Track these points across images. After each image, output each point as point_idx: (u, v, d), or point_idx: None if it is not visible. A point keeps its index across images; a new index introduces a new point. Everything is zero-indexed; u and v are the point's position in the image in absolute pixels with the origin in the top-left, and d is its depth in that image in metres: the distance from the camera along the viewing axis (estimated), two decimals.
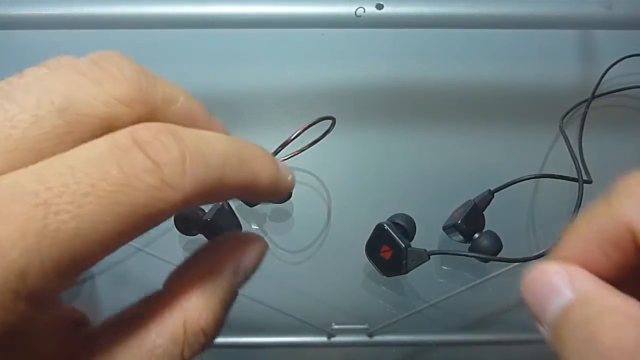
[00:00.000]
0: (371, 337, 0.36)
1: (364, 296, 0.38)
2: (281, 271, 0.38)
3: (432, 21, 0.49)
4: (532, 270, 0.17)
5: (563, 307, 0.15)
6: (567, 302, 0.15)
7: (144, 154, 0.13)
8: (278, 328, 0.36)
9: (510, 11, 0.49)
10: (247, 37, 0.50)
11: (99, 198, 0.13)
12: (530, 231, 0.40)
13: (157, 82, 0.16)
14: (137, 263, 0.38)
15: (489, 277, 0.37)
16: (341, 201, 0.41)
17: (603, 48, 0.49)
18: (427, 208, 0.40)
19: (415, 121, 0.46)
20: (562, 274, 0.16)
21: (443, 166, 0.44)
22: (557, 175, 0.37)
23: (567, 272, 0.16)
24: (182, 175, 0.14)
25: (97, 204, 0.13)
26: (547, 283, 0.16)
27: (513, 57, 0.49)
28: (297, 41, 0.50)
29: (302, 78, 0.48)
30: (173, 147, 0.14)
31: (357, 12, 0.48)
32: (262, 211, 0.40)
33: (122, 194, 0.13)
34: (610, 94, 0.46)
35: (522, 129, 0.46)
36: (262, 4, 0.49)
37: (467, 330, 0.37)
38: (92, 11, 0.47)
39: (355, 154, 0.45)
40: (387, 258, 0.34)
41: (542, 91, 0.47)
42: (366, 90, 0.47)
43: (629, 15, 0.48)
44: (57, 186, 0.12)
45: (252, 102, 0.46)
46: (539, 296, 0.16)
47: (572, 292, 0.15)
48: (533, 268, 0.17)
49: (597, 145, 0.43)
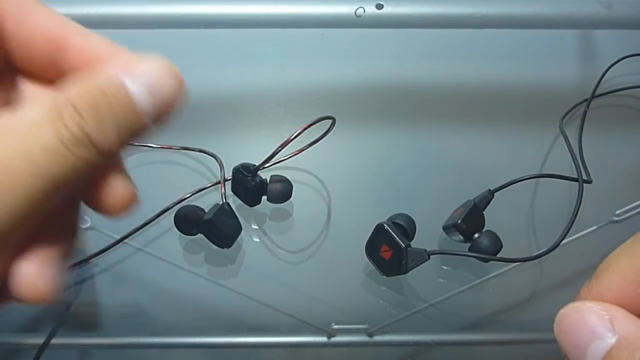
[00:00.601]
0: (371, 337, 0.36)
1: (364, 296, 0.38)
2: (281, 271, 0.38)
3: (432, 21, 0.49)
4: (567, 310, 0.16)
5: (605, 352, 0.14)
6: (609, 346, 0.14)
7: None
8: (278, 328, 0.36)
9: (511, 11, 0.49)
10: (247, 37, 0.50)
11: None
12: (530, 231, 0.40)
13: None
14: (137, 263, 0.38)
15: (489, 277, 0.37)
16: (341, 201, 0.41)
17: (603, 48, 0.49)
18: (427, 208, 0.40)
19: (415, 121, 0.46)
20: (601, 315, 0.15)
21: (443, 166, 0.44)
22: (557, 175, 0.37)
23: (607, 313, 0.15)
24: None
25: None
26: (585, 325, 0.15)
27: (513, 57, 0.50)
28: (297, 41, 0.50)
29: (302, 78, 0.48)
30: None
31: (357, 12, 0.48)
32: (262, 211, 0.40)
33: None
34: (610, 94, 0.46)
35: (522, 129, 0.46)
36: (262, 4, 0.49)
37: (467, 330, 0.37)
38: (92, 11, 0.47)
39: (355, 154, 0.45)
40: (387, 258, 0.34)
41: (542, 91, 0.47)
42: (366, 90, 0.47)
43: (629, 15, 0.48)
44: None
45: (252, 102, 0.46)
46: (577, 340, 0.15)
47: (614, 336, 0.14)
48: (567, 308, 0.16)
49: (597, 145, 0.43)
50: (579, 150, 0.41)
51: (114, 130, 0.16)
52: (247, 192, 0.38)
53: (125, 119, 0.16)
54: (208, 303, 0.37)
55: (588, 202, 0.36)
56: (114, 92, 0.16)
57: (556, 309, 0.16)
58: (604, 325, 0.15)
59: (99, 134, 0.16)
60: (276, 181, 0.38)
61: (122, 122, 0.16)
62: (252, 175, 0.37)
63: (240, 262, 0.38)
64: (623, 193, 0.42)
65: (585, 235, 0.39)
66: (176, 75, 0.17)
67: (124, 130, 0.17)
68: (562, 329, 0.16)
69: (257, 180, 0.37)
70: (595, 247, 0.39)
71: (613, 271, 0.16)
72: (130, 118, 0.17)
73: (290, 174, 0.39)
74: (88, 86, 0.17)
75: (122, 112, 0.16)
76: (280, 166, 0.39)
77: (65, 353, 0.36)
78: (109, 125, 0.16)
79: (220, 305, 0.37)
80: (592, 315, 0.15)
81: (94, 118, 0.16)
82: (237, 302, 0.37)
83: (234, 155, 0.40)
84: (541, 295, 0.38)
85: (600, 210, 0.40)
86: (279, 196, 0.38)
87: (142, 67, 0.17)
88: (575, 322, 0.15)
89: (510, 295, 0.37)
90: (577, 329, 0.15)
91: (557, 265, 0.38)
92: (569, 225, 0.34)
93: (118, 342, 0.36)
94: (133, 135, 0.17)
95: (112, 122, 0.16)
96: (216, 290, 0.38)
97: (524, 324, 0.37)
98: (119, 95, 0.16)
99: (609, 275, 0.16)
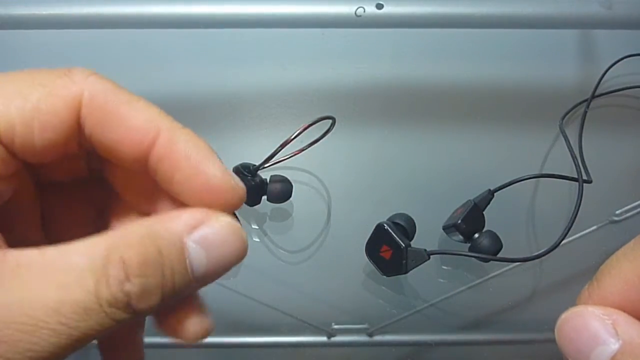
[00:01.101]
0: (371, 337, 0.36)
1: (364, 296, 0.38)
2: (281, 271, 0.38)
3: (432, 21, 0.49)
4: (568, 314, 0.15)
5: (609, 358, 0.14)
6: (613, 352, 0.14)
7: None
8: (278, 328, 0.36)
9: (510, 11, 0.49)
10: (247, 37, 0.50)
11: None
12: (530, 231, 0.40)
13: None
14: None
15: (489, 277, 0.37)
16: (341, 201, 0.41)
17: (603, 48, 0.49)
18: (427, 208, 0.40)
19: (415, 121, 0.46)
20: (603, 320, 0.14)
21: (443, 166, 0.44)
22: (557, 175, 0.37)
23: (610, 318, 0.14)
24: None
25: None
26: (587, 330, 0.15)
27: (513, 57, 0.49)
28: (297, 41, 0.50)
29: (302, 78, 0.48)
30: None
31: (357, 12, 0.48)
32: (262, 211, 0.40)
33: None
34: (610, 94, 0.46)
35: (522, 129, 0.46)
36: (262, 4, 0.49)
37: (467, 330, 0.37)
38: (92, 11, 0.47)
39: (355, 154, 0.45)
40: (387, 258, 0.34)
41: (542, 91, 0.47)
42: (366, 90, 0.47)
43: (629, 15, 0.48)
44: None
45: (252, 102, 0.46)
46: (579, 345, 0.15)
47: (617, 341, 0.14)
48: (569, 312, 0.15)
49: (597, 145, 0.43)
50: (579, 150, 0.41)
51: (158, 294, 0.15)
52: (247, 192, 0.38)
53: (173, 282, 0.15)
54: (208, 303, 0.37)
55: (588, 202, 0.36)
56: (171, 255, 0.15)
57: (556, 309, 0.16)
58: (607, 330, 0.14)
59: (142, 300, 0.15)
60: (276, 181, 0.38)
61: (169, 285, 0.15)
62: (252, 175, 0.37)
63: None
64: (623, 193, 0.42)
65: (585, 235, 0.39)
66: (242, 240, 0.17)
67: (168, 294, 0.15)
68: (564, 334, 0.15)
69: (257, 180, 0.37)
70: (595, 247, 0.39)
71: (615, 275, 0.15)
72: (179, 282, 0.15)
73: (290, 174, 0.39)
74: (144, 241, 0.15)
75: (172, 276, 0.15)
76: (280, 166, 0.39)
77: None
78: (155, 290, 0.15)
79: (220, 305, 0.37)
80: (595, 320, 0.15)
81: (141, 282, 0.15)
82: (237, 302, 0.37)
83: (234, 155, 0.40)
84: (541, 295, 0.38)
85: (600, 210, 0.40)
86: (279, 196, 0.38)
87: (208, 230, 0.16)
88: (577, 327, 0.15)
89: (510, 295, 0.37)
90: (580, 334, 0.15)
91: (557, 265, 0.38)
92: (569, 225, 0.34)
93: None
94: (176, 297, 0.16)
95: (159, 287, 0.15)
96: (216, 290, 0.38)
97: (524, 324, 0.37)
98: (176, 259, 0.15)
99: (611, 278, 0.15)
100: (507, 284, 0.38)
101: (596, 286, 0.16)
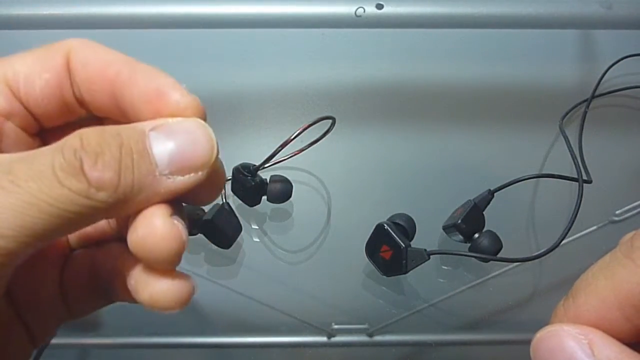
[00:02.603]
0: (371, 337, 0.36)
1: (364, 296, 0.38)
2: (281, 271, 0.38)
3: (432, 21, 0.49)
4: (544, 333, 0.15)
5: None
6: None
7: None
8: (278, 328, 0.36)
9: (510, 11, 0.49)
10: (247, 37, 0.50)
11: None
12: (530, 231, 0.40)
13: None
14: None
15: (489, 277, 0.37)
16: (341, 201, 0.41)
17: (603, 48, 0.49)
18: (427, 208, 0.40)
19: (415, 121, 0.46)
20: (579, 340, 0.14)
21: (443, 166, 0.44)
22: (557, 175, 0.37)
23: (586, 337, 0.14)
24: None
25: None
26: (563, 350, 0.14)
27: (513, 57, 0.49)
28: (297, 41, 0.50)
29: (302, 78, 0.48)
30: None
31: (357, 12, 0.48)
32: (262, 211, 0.40)
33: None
34: (610, 94, 0.46)
35: (522, 129, 0.46)
36: (262, 4, 0.49)
37: (467, 330, 0.37)
38: (92, 11, 0.47)
39: (355, 154, 0.45)
40: (387, 258, 0.34)
41: (542, 91, 0.47)
42: (366, 90, 0.47)
43: (629, 15, 0.48)
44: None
45: (252, 102, 0.46)
46: None
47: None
48: (544, 331, 0.15)
49: (597, 145, 0.43)
50: (579, 150, 0.41)
51: (115, 170, 0.15)
52: (247, 192, 0.38)
53: (132, 164, 0.15)
54: (208, 303, 0.37)
55: (588, 202, 0.36)
56: (131, 138, 0.15)
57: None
58: (583, 350, 0.14)
59: (95, 167, 0.15)
60: (276, 181, 0.38)
61: (127, 164, 0.15)
62: (252, 175, 0.37)
63: (240, 262, 0.38)
64: (623, 193, 0.42)
65: (585, 235, 0.39)
66: (207, 134, 0.17)
67: (127, 177, 0.15)
68: (540, 354, 0.15)
69: (257, 180, 0.37)
70: (595, 247, 0.39)
71: (590, 292, 0.15)
72: (139, 167, 0.15)
73: (290, 174, 0.39)
74: (109, 128, 0.16)
75: (130, 155, 0.15)
76: (280, 166, 0.39)
77: (65, 353, 0.36)
78: (111, 163, 0.15)
79: (220, 305, 0.37)
80: (571, 339, 0.14)
81: (95, 151, 0.15)
82: (237, 302, 0.37)
83: (234, 155, 0.40)
84: (541, 295, 0.38)
85: (600, 210, 0.40)
86: (279, 196, 0.38)
87: (172, 121, 0.16)
88: (553, 348, 0.14)
89: (510, 295, 0.37)
90: (555, 354, 0.14)
91: (557, 265, 0.38)
92: (569, 225, 0.34)
93: (118, 342, 0.36)
94: (141, 183, 0.16)
95: (116, 160, 0.15)
96: (216, 290, 0.38)
97: (524, 324, 0.37)
98: (135, 140, 0.15)
99: (586, 296, 0.15)
100: (507, 284, 0.38)
101: (572, 302, 0.15)
